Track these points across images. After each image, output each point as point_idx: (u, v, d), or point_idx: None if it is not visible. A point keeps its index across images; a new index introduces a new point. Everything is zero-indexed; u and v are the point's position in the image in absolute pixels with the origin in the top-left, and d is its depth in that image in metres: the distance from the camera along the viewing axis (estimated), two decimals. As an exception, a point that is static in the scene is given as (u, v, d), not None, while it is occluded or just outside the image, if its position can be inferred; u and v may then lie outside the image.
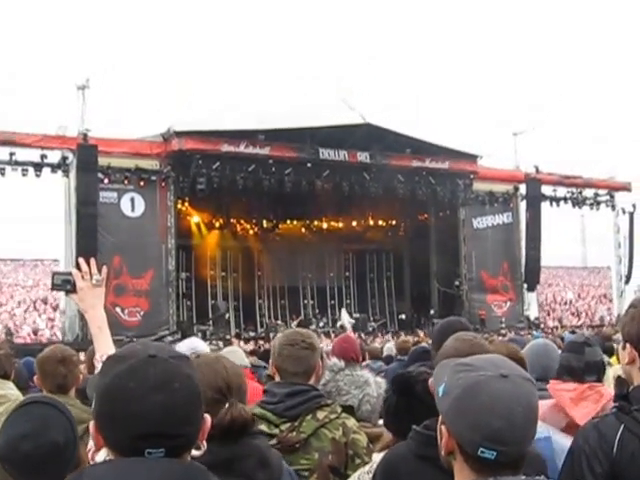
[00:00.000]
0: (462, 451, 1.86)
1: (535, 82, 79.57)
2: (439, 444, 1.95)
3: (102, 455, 1.80)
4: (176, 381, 1.68)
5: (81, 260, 3.03)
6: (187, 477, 1.71)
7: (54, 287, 3.13)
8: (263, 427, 3.41)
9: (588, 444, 2.45)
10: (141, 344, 1.79)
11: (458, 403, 1.84)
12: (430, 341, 10.35)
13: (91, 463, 2.05)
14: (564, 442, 2.92)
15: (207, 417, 1.76)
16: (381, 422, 3.82)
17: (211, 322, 31.58)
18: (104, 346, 3.04)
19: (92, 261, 3.06)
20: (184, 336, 19.23)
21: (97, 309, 3.01)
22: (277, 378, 3.76)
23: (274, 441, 3.37)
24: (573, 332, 19.32)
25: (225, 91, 62.95)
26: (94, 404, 1.71)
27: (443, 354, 2.91)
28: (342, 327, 29.82)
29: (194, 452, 1.77)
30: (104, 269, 3.07)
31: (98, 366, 2.89)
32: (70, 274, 3.04)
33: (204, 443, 1.77)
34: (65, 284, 3.06)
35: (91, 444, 2.16)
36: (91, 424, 1.74)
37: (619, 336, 6.06)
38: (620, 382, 2.58)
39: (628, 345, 2.64)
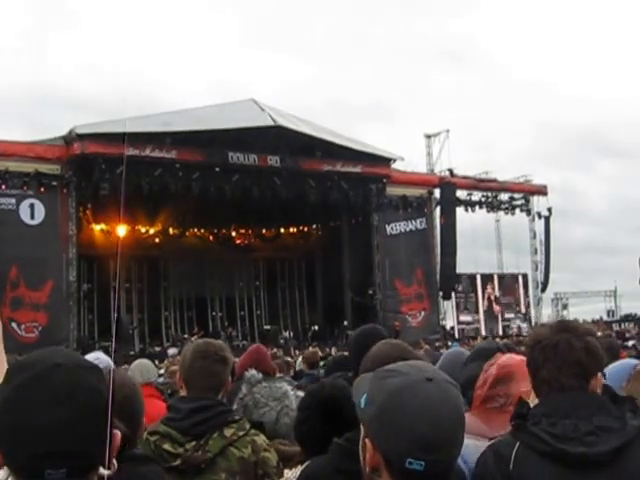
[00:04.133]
0: (388, 465, 1.83)
1: (450, 82, 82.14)
2: (362, 460, 1.93)
3: (2, 475, 1.70)
4: (82, 394, 1.60)
5: None
6: None
7: None
8: (167, 446, 3.40)
9: (486, 468, 2.51)
10: (48, 351, 1.71)
11: (382, 411, 1.83)
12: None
13: None
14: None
15: (117, 433, 1.70)
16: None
17: (114, 337, 30.99)
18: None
19: None
20: (85, 353, 19.24)
21: None
22: (183, 392, 3.71)
23: (178, 461, 3.35)
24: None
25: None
26: None
27: (373, 359, 2.89)
28: None
29: (102, 471, 1.68)
30: None
31: None
32: None
33: (114, 462, 1.69)
34: None
35: None
36: None
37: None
38: (521, 402, 2.62)
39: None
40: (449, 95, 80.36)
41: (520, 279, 40.95)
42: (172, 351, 26.89)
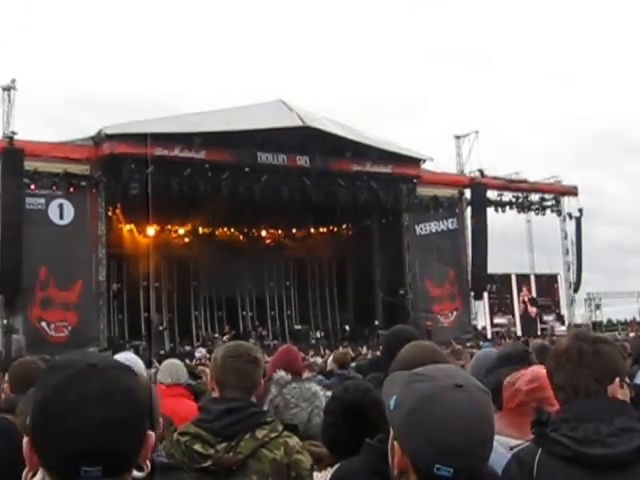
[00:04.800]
0: (416, 469, 1.83)
1: (481, 84, 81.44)
2: (390, 461, 1.93)
3: (38, 478, 1.69)
4: (117, 393, 1.62)
5: None
6: None
7: None
8: (197, 447, 3.37)
9: (510, 477, 2.51)
10: (80, 353, 1.75)
11: (411, 417, 1.82)
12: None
13: None
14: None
15: (150, 434, 1.71)
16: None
17: (145, 337, 31.07)
18: None
19: None
20: (115, 353, 19.07)
21: None
22: (215, 393, 3.69)
23: (209, 462, 3.32)
24: (526, 343, 19.87)
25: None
26: (29, 419, 1.64)
27: (402, 361, 2.93)
28: None
29: (136, 473, 1.70)
30: None
31: None
32: None
33: (147, 464, 1.71)
34: None
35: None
36: (25, 442, 1.66)
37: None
38: (540, 410, 2.64)
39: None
40: (471, 95, 79.63)
41: (559, 279, 40.59)
42: (199, 354, 26.75)
